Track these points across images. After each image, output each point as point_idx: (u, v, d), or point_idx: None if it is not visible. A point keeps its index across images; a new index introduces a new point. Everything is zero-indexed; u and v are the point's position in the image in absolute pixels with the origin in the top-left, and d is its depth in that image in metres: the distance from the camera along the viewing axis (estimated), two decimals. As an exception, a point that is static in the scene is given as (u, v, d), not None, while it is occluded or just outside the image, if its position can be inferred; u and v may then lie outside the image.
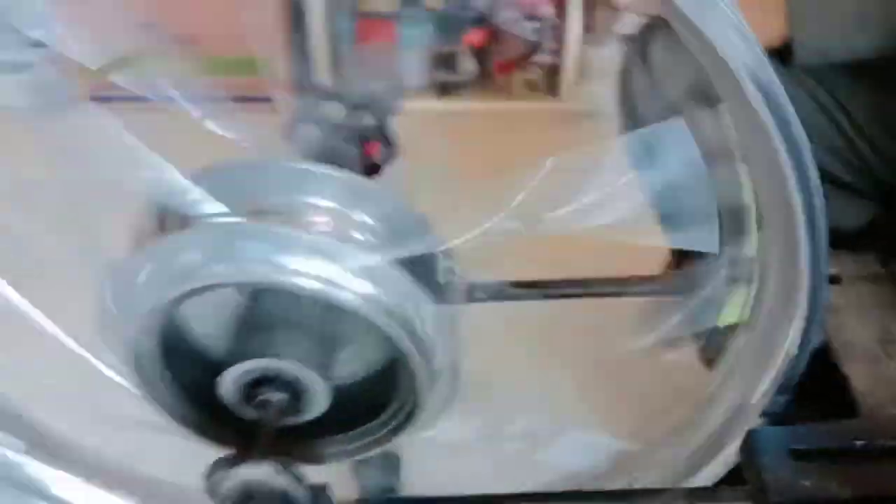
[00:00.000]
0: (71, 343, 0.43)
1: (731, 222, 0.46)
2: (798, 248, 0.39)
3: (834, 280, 0.56)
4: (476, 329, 0.47)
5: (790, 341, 0.43)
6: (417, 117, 1.51)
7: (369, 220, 0.43)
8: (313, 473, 0.42)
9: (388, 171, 0.57)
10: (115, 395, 0.43)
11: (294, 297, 0.39)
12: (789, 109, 0.34)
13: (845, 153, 0.63)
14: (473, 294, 0.48)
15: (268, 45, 1.30)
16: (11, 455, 0.53)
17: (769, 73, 0.34)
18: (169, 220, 0.40)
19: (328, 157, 0.54)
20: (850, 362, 0.53)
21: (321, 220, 0.42)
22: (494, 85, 1.63)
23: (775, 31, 0.56)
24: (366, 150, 0.57)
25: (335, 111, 0.57)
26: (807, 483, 0.42)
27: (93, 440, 0.57)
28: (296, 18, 1.47)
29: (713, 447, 0.50)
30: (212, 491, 0.37)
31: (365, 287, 0.38)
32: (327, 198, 0.42)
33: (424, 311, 0.40)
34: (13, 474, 0.53)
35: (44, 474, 0.55)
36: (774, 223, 0.41)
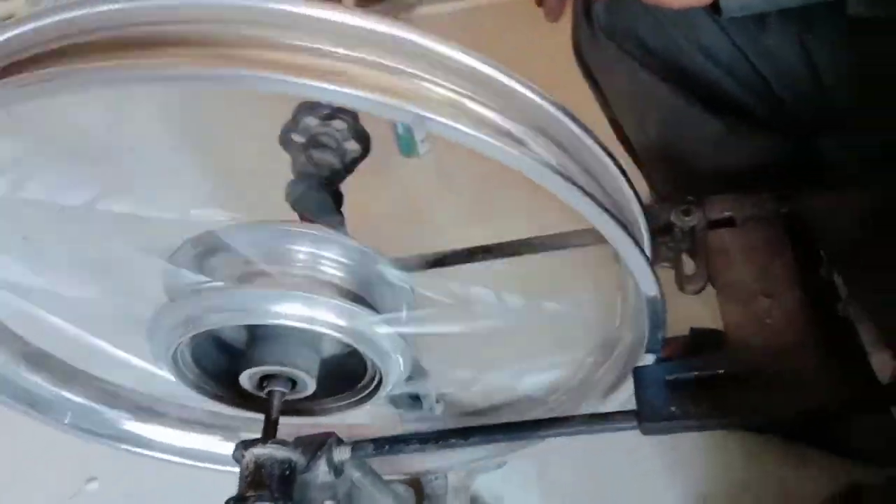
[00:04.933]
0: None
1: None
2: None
3: (729, 222, 0.65)
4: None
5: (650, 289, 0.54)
6: (437, 20, 1.57)
7: (338, 259, 0.56)
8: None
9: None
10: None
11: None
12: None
13: (764, 93, 0.70)
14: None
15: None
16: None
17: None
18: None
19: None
20: (726, 300, 0.61)
21: (298, 267, 0.55)
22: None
23: None
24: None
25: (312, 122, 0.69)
26: (673, 408, 0.56)
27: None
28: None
29: (619, 379, 0.64)
30: (237, 461, 0.55)
31: (330, 318, 0.54)
32: (303, 245, 0.56)
33: (375, 327, 0.55)
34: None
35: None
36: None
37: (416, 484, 0.95)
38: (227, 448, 0.78)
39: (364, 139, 0.72)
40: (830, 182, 0.63)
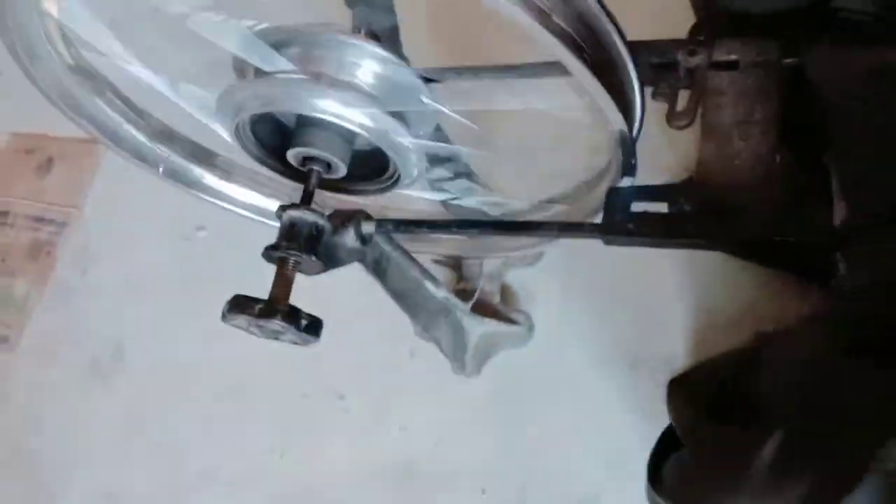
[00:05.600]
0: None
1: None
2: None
3: (732, 65, 0.68)
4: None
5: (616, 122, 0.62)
6: None
7: (377, 69, 0.67)
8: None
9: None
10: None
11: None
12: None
13: None
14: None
15: None
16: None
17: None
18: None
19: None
20: (705, 139, 0.66)
21: (343, 71, 0.66)
22: None
23: None
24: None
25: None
26: (630, 225, 0.66)
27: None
28: None
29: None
30: (277, 216, 0.70)
31: (360, 118, 0.65)
32: (349, 54, 0.66)
33: (397, 134, 0.67)
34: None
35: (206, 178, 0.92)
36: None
37: (456, 265, 1.10)
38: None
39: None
40: (841, 39, 0.65)
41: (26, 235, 1.38)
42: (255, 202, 0.94)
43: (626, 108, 0.61)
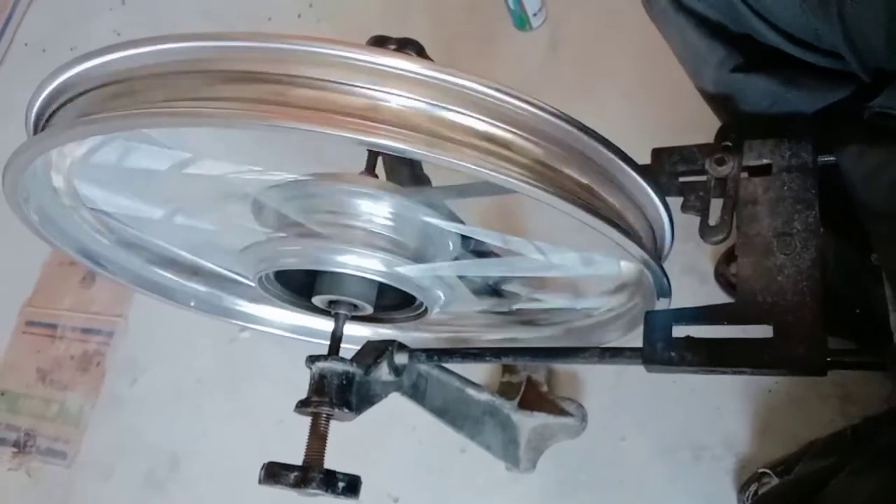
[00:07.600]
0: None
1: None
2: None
3: (765, 170, 0.64)
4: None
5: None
6: None
7: (390, 213, 0.64)
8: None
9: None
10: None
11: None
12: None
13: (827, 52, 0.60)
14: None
15: None
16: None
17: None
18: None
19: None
20: (744, 253, 0.62)
21: (356, 221, 0.64)
22: None
23: None
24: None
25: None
26: (672, 353, 0.62)
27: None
28: None
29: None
30: (307, 367, 0.68)
31: (376, 266, 0.63)
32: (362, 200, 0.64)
33: (414, 272, 0.65)
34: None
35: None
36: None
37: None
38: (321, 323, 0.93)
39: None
40: (879, 137, 0.60)
41: (76, 347, 1.40)
42: (292, 321, 0.93)
43: (643, 234, 0.58)
